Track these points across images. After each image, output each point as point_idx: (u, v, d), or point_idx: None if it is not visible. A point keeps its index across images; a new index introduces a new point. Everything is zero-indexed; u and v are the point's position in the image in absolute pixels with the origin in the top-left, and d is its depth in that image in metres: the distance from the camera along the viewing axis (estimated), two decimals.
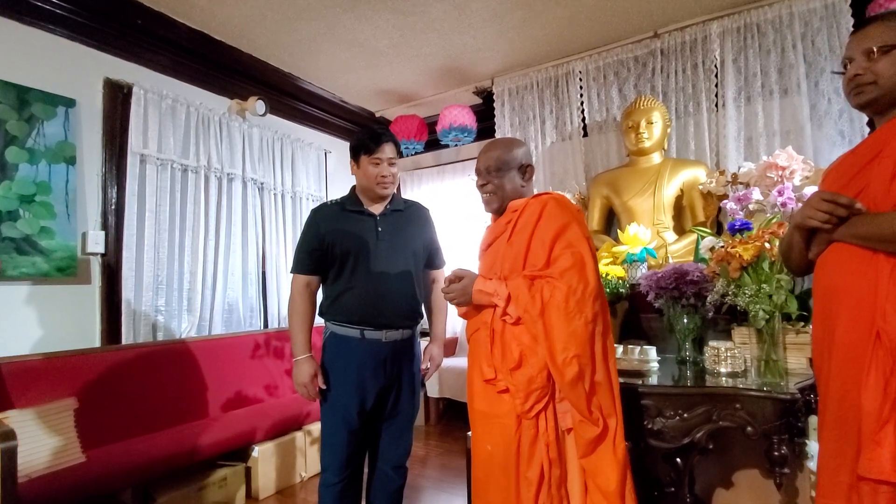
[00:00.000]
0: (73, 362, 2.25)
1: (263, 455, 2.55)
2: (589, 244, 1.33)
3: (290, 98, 3.57)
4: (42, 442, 1.94)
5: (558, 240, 1.31)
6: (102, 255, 2.53)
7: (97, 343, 2.49)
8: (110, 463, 2.01)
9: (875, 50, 1.06)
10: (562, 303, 1.24)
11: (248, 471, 2.53)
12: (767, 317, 1.61)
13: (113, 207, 2.57)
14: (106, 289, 2.53)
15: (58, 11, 2.38)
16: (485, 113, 3.61)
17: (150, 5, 2.59)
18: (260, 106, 3.16)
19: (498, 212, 1.49)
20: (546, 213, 1.34)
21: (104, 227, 2.54)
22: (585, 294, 1.25)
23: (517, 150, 1.48)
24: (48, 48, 2.39)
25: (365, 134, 1.75)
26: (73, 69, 2.47)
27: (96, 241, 2.49)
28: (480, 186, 1.49)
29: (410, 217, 1.83)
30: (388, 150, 1.72)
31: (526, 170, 1.48)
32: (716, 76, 2.77)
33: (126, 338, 2.54)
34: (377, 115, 4.15)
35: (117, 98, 2.61)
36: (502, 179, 1.45)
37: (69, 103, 2.43)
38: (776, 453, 1.41)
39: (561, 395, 1.27)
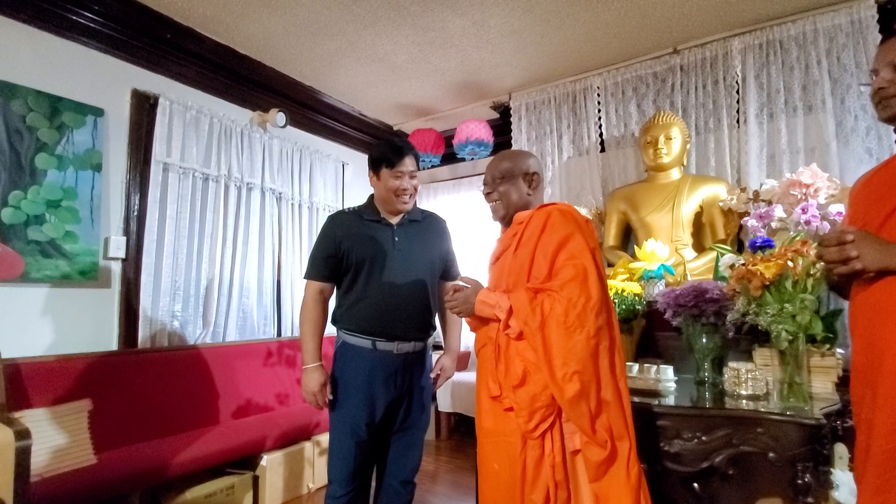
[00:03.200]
0: (90, 364, 2.29)
1: (272, 464, 2.53)
2: (593, 255, 1.28)
3: (310, 111, 3.63)
4: (56, 442, 1.96)
5: (560, 251, 1.28)
6: (123, 261, 2.58)
7: (114, 346, 2.53)
8: (121, 466, 2.01)
9: None
10: (561, 316, 1.19)
11: (255, 479, 2.52)
12: (791, 338, 1.55)
13: (135, 214, 2.63)
14: (125, 293, 2.58)
15: (91, 25, 2.48)
16: (501, 127, 3.62)
17: (179, 20, 2.68)
18: (280, 118, 3.23)
19: (505, 221, 1.48)
20: (549, 224, 1.32)
21: (126, 232, 2.60)
22: (587, 307, 1.20)
23: (523, 159, 1.47)
24: (80, 60, 2.48)
25: (387, 147, 1.74)
26: (103, 80, 2.56)
27: (118, 247, 2.55)
28: (486, 195, 1.49)
29: (427, 228, 1.82)
30: (409, 164, 1.72)
31: (532, 178, 1.46)
32: (737, 92, 2.73)
33: (142, 342, 2.58)
34: (395, 128, 4.20)
35: (144, 108, 2.69)
36: (507, 188, 1.44)
37: (98, 112, 2.51)
38: (800, 481, 1.35)
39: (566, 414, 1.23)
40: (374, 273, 1.67)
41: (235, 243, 3.07)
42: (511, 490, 1.23)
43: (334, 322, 1.75)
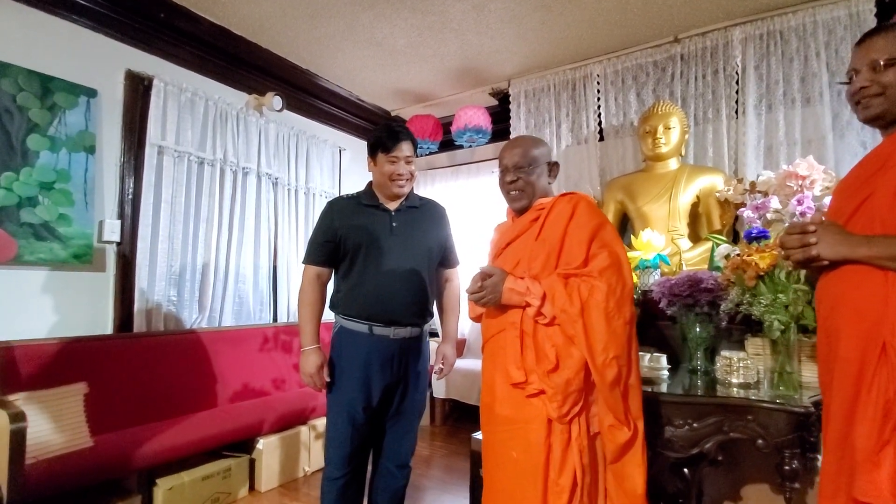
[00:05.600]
0: (86, 348, 2.28)
1: (268, 448, 2.56)
2: (622, 245, 1.33)
3: (307, 95, 3.59)
4: (51, 425, 1.96)
5: (595, 239, 1.30)
6: (118, 244, 2.57)
7: (109, 330, 2.53)
8: (117, 449, 2.03)
9: (881, 62, 1.03)
10: (602, 302, 1.22)
11: (251, 463, 2.55)
12: (783, 327, 1.57)
13: (129, 197, 2.61)
14: (120, 277, 2.56)
15: (83, 2, 2.43)
16: (500, 115, 3.60)
17: None
18: (277, 101, 3.19)
19: (524, 209, 1.45)
20: (579, 212, 1.33)
21: (120, 216, 2.58)
22: (624, 294, 1.25)
23: (544, 147, 1.48)
24: (72, 38, 2.43)
25: (383, 131, 1.75)
26: (96, 60, 2.51)
27: (112, 230, 2.53)
28: (510, 183, 1.44)
29: (425, 214, 1.82)
30: (405, 149, 1.72)
31: (553, 167, 1.48)
32: (737, 83, 2.72)
33: (138, 326, 2.57)
34: (393, 113, 4.16)
35: (138, 90, 2.65)
36: (532, 176, 1.42)
37: (91, 93, 2.47)
38: (787, 467, 1.38)
39: (592, 398, 1.25)
40: (371, 258, 1.68)
41: (231, 228, 3.05)
42: (533, 477, 1.22)
43: (332, 307, 1.76)
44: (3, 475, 1.68)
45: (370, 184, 1.82)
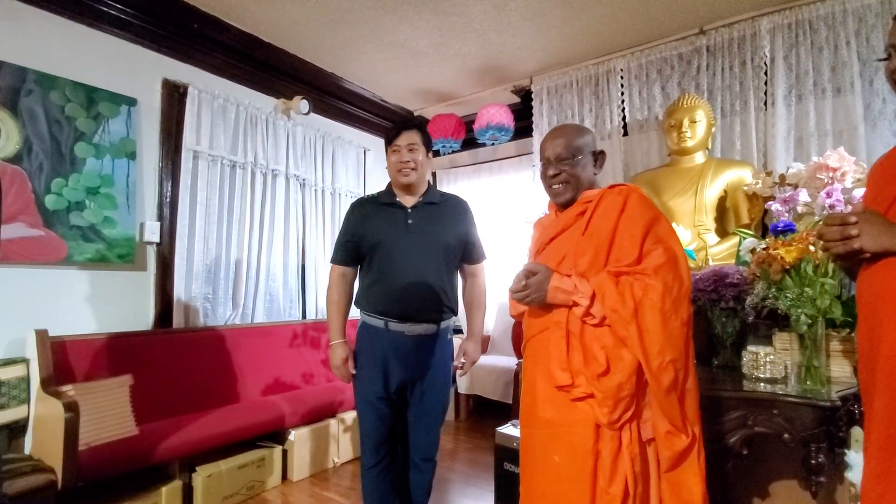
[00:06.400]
0: (130, 343, 2.43)
1: (299, 439, 2.65)
2: (678, 241, 1.24)
3: (332, 97, 3.68)
4: (101, 414, 2.09)
5: (649, 234, 1.21)
6: (157, 245, 2.70)
7: (150, 326, 2.67)
8: (160, 437, 2.14)
9: None
10: (657, 302, 1.13)
11: (284, 453, 2.65)
12: (810, 321, 1.55)
13: (168, 200, 2.74)
14: (160, 276, 2.70)
15: (121, 16, 2.56)
16: (522, 112, 3.61)
17: (205, 10, 2.75)
18: (304, 105, 3.29)
19: (568, 203, 1.35)
20: (631, 205, 1.23)
21: (160, 218, 2.71)
22: (681, 293, 1.16)
23: (588, 135, 1.37)
24: (113, 51, 2.58)
25: (389, 128, 1.81)
26: (135, 70, 2.65)
27: (152, 231, 2.67)
28: (552, 177, 1.34)
29: (445, 210, 1.83)
30: (406, 137, 1.75)
31: (598, 156, 1.38)
32: (765, 74, 2.66)
33: (176, 322, 2.71)
34: (415, 113, 4.22)
35: (174, 97, 2.78)
36: (577, 168, 1.32)
37: (131, 102, 2.61)
38: (813, 461, 1.37)
39: (644, 402, 1.18)
40: (387, 256, 1.72)
41: (262, 229, 3.17)
42: (578, 484, 1.16)
43: (356, 303, 1.82)
44: (58, 460, 1.81)
45: (389, 183, 1.87)
